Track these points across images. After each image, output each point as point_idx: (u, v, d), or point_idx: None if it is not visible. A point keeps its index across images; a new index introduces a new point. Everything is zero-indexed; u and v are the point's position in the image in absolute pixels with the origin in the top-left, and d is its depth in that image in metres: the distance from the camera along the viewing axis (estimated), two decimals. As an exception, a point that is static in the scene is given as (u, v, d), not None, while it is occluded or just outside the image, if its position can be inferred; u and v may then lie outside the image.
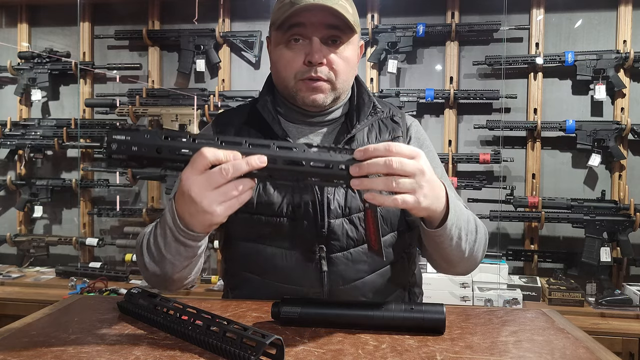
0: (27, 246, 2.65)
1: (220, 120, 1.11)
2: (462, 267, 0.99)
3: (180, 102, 2.55)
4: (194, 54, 2.59)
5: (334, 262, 0.97)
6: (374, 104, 1.06)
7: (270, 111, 1.03)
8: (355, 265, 0.98)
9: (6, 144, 2.64)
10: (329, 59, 0.96)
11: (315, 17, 0.94)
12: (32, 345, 0.72)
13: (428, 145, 1.10)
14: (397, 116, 1.08)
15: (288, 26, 0.96)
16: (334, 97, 1.01)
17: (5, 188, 2.71)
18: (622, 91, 2.31)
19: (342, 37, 0.97)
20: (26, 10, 2.76)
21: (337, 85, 0.99)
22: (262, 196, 0.98)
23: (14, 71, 2.67)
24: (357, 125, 1.02)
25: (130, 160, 0.73)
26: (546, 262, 2.37)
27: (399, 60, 2.46)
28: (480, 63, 2.38)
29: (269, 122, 1.02)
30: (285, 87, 1.01)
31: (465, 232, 0.92)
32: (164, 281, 0.91)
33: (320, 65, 0.96)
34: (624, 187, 2.30)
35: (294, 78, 0.98)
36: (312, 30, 0.95)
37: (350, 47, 0.99)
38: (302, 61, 0.96)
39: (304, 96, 0.99)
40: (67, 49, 2.70)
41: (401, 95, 2.40)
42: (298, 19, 0.95)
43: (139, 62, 2.63)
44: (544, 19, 2.39)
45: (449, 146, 2.44)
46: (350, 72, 1.02)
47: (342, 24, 0.95)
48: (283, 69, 0.99)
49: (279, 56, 0.99)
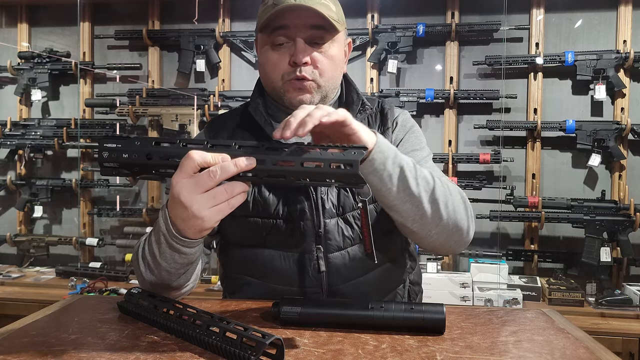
0: (27, 246, 2.65)
1: (214, 124, 1.12)
2: (437, 233, 0.89)
3: (180, 102, 2.55)
4: (194, 54, 2.59)
5: (331, 262, 0.98)
6: (363, 101, 1.06)
7: (262, 113, 1.04)
8: (353, 264, 0.99)
9: (6, 144, 2.64)
10: (313, 58, 0.97)
11: (298, 18, 0.95)
12: (32, 345, 0.72)
13: (415, 130, 1.09)
14: (385, 109, 1.09)
15: (272, 29, 0.97)
16: (321, 96, 1.01)
17: (5, 188, 2.71)
18: (622, 91, 2.31)
19: (326, 36, 0.97)
20: (26, 10, 2.76)
21: (322, 84, 0.99)
22: (257, 199, 0.99)
23: (14, 71, 2.67)
24: None
25: (122, 168, 0.73)
26: (546, 262, 2.37)
27: (399, 60, 2.46)
28: (480, 63, 2.38)
29: (261, 124, 1.03)
30: (273, 88, 1.02)
31: (418, 181, 0.85)
32: (162, 290, 0.90)
33: (305, 65, 0.97)
34: (624, 187, 2.30)
35: (281, 79, 0.99)
36: (296, 31, 0.96)
37: (336, 44, 1.00)
38: (287, 62, 0.97)
39: (291, 97, 0.99)
40: (67, 49, 2.70)
41: (401, 95, 2.40)
42: (281, 21, 0.95)
43: (139, 62, 2.63)
44: (544, 19, 2.39)
45: (449, 146, 2.44)
46: (337, 70, 1.02)
47: (325, 24, 0.95)
48: (270, 71, 1.00)
49: (265, 58, 1.00)
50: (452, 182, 0.96)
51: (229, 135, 1.06)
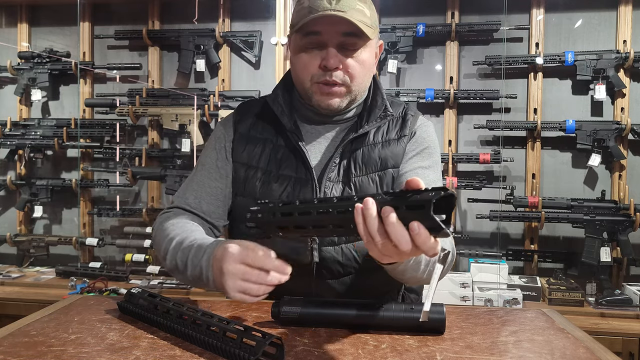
0: (27, 246, 2.65)
1: (241, 109, 1.15)
2: (410, 282, 0.99)
3: (180, 102, 2.55)
4: (194, 54, 2.59)
5: (324, 255, 1.00)
6: (386, 106, 1.07)
7: (280, 104, 1.06)
8: (345, 262, 1.01)
9: (6, 144, 2.64)
10: (344, 63, 0.98)
11: (332, 26, 0.95)
12: (32, 345, 0.72)
13: (430, 148, 1.09)
14: (409, 115, 1.09)
15: (305, 32, 0.98)
16: (349, 100, 1.03)
17: (5, 188, 2.71)
18: (622, 91, 2.31)
19: (358, 42, 0.98)
20: (26, 10, 2.76)
21: (352, 88, 1.01)
22: (265, 185, 1.03)
23: (14, 71, 2.67)
24: (365, 126, 1.04)
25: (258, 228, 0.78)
26: (546, 262, 2.37)
27: (399, 60, 2.46)
28: (480, 63, 2.38)
29: (277, 114, 1.05)
30: (302, 88, 1.04)
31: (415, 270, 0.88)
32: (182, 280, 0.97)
33: (336, 70, 0.98)
34: (624, 187, 2.30)
35: (310, 80, 1.00)
36: (328, 38, 0.97)
37: (367, 50, 1.01)
38: (318, 65, 0.98)
39: (319, 100, 1.01)
40: (67, 49, 2.70)
41: (401, 95, 2.40)
42: (314, 28, 0.96)
43: (139, 62, 2.63)
44: (544, 19, 2.39)
45: (449, 146, 2.44)
46: (367, 75, 1.04)
47: (358, 31, 0.96)
48: (300, 71, 1.01)
49: (297, 58, 1.02)
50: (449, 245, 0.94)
51: (251, 122, 1.10)
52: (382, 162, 1.03)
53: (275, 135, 1.07)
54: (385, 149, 1.04)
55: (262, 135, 1.08)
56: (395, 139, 1.06)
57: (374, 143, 1.04)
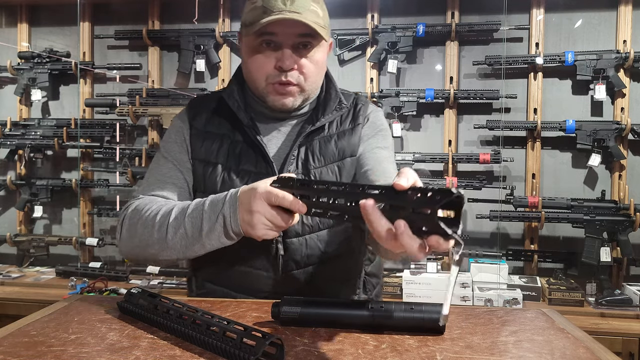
0: (27, 246, 2.65)
1: (194, 104, 1.15)
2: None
3: (180, 102, 2.55)
4: (194, 54, 2.59)
5: (289, 247, 1.01)
6: (340, 99, 1.09)
7: (236, 99, 1.06)
8: (309, 251, 1.02)
9: (6, 144, 2.64)
10: (299, 64, 1.00)
11: (288, 27, 0.96)
12: (32, 345, 0.72)
13: (384, 130, 1.13)
14: (360, 104, 1.13)
15: (260, 33, 0.98)
16: (303, 99, 1.05)
17: (5, 188, 2.71)
18: (622, 91, 2.31)
19: (312, 42, 1.00)
20: (26, 10, 2.76)
21: (306, 87, 1.03)
22: (225, 181, 1.03)
23: (14, 71, 2.67)
24: (321, 119, 1.06)
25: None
26: (546, 262, 2.37)
27: (399, 60, 2.46)
28: (480, 63, 2.38)
29: (234, 109, 1.06)
30: (256, 88, 1.04)
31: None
32: (141, 249, 0.97)
33: (291, 71, 0.99)
34: (624, 187, 2.30)
35: (264, 80, 1.01)
36: (284, 39, 0.98)
37: (321, 49, 1.03)
38: (273, 65, 0.99)
39: (274, 99, 1.02)
40: (67, 49, 2.70)
41: (401, 95, 2.40)
42: (270, 29, 0.97)
43: (139, 62, 2.63)
44: (544, 19, 2.39)
45: (449, 146, 2.44)
46: (320, 74, 1.06)
47: (313, 32, 0.97)
48: (255, 72, 1.02)
49: (251, 59, 1.02)
50: None
51: (206, 117, 1.10)
52: (339, 152, 1.06)
53: (232, 130, 1.07)
54: (342, 139, 1.07)
55: (219, 130, 1.08)
56: (350, 129, 1.08)
57: (330, 135, 1.07)
